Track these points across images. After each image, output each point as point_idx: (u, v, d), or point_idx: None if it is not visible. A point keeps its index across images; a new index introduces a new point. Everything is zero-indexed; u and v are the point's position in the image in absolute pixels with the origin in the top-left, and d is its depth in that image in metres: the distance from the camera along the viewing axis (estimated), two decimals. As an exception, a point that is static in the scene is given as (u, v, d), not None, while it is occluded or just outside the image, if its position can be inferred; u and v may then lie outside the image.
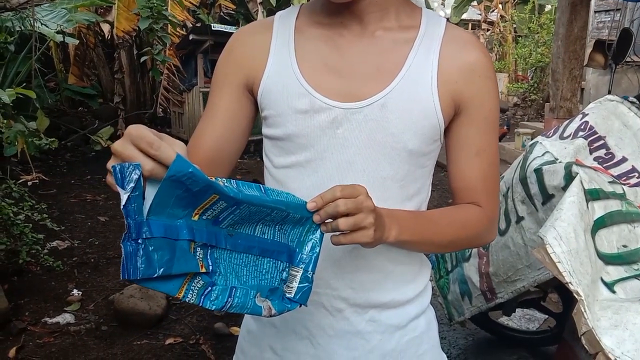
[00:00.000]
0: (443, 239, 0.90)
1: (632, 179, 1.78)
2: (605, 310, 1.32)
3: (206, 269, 0.70)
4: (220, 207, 0.69)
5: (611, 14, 6.11)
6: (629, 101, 1.95)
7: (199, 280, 0.69)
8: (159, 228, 0.64)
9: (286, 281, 0.76)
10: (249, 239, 0.75)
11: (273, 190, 0.73)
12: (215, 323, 2.92)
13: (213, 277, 0.71)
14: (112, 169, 0.62)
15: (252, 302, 0.74)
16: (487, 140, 0.91)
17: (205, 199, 0.66)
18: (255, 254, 0.75)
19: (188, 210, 0.67)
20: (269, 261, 0.77)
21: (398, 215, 0.83)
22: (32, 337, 2.77)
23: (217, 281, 0.72)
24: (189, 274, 0.68)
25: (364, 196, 0.73)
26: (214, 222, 0.70)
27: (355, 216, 0.72)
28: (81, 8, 5.94)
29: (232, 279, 0.73)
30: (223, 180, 0.68)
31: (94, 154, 6.85)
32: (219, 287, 0.71)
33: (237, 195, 0.68)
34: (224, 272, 0.72)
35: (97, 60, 8.58)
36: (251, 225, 0.74)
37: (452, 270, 2.44)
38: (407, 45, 0.88)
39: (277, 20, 0.95)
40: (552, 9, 11.07)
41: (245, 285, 0.74)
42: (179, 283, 0.67)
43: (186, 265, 0.67)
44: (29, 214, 3.23)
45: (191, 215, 0.68)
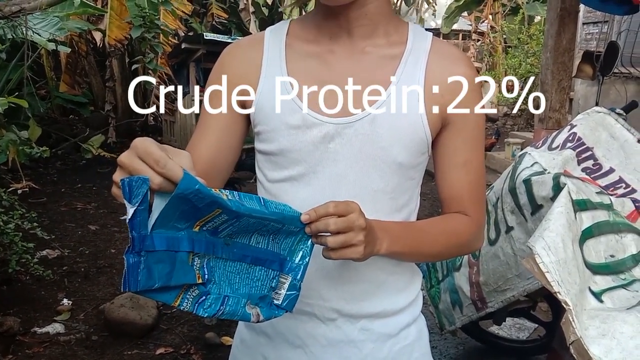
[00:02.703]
0: (433, 248, 0.93)
1: (619, 189, 1.81)
2: (593, 319, 1.33)
3: (202, 279, 0.71)
4: (222, 220, 0.70)
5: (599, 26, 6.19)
6: (616, 113, 1.98)
7: (195, 289, 0.71)
8: (161, 241, 0.65)
9: (275, 288, 0.78)
10: (244, 248, 0.76)
11: (272, 202, 0.75)
12: (206, 333, 2.91)
13: (207, 286, 0.73)
14: (120, 182, 0.62)
15: (243, 309, 0.76)
16: (473, 151, 0.93)
17: (208, 212, 0.68)
18: (249, 262, 0.77)
19: (190, 223, 0.69)
20: (260, 269, 0.78)
21: (389, 227, 0.85)
22: (22, 347, 2.74)
23: (211, 290, 0.73)
24: (184, 286, 0.70)
25: (356, 214, 0.75)
26: (212, 233, 0.72)
27: (346, 234, 0.74)
28: (73, 16, 5.92)
29: (225, 288, 0.75)
30: (226, 192, 0.69)
31: (85, 162, 6.82)
32: (213, 296, 0.73)
33: (239, 209, 0.69)
34: (218, 280, 0.74)
35: (89, 69, 8.56)
36: (247, 235, 0.76)
37: (443, 279, 2.45)
38: (395, 60, 0.90)
39: (267, 35, 0.96)
40: (542, 20, 11.20)
41: (237, 293, 0.76)
42: (175, 293, 0.69)
43: (184, 277, 0.69)
44: (18, 223, 3.20)
45: (192, 227, 0.69)
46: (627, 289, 1.48)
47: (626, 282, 1.49)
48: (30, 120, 4.45)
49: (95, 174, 6.31)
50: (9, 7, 3.81)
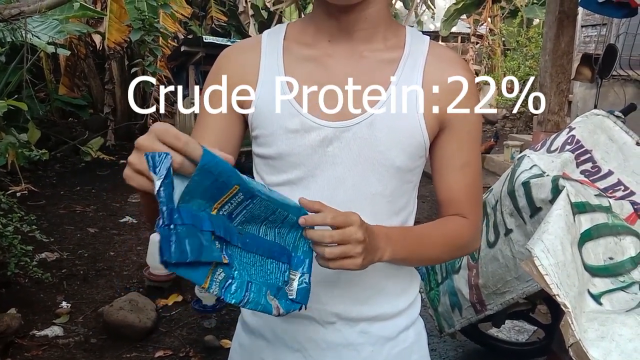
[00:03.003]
0: (434, 252, 0.94)
1: (617, 192, 1.81)
2: (592, 321, 1.34)
3: (227, 260, 0.73)
4: (238, 201, 0.71)
5: (598, 29, 6.21)
6: (614, 115, 1.99)
7: (221, 272, 0.72)
8: (188, 216, 0.67)
9: (288, 283, 0.79)
10: (255, 239, 0.77)
11: (275, 192, 0.76)
12: (205, 336, 2.90)
13: (232, 270, 0.74)
14: (134, 163, 0.63)
15: (264, 299, 0.76)
16: (470, 154, 0.94)
17: (227, 190, 0.69)
18: (261, 254, 0.78)
19: (209, 204, 0.70)
20: (272, 262, 0.79)
21: (392, 234, 0.85)
22: (20, 350, 2.74)
23: (235, 275, 0.74)
24: (212, 264, 0.70)
25: (355, 227, 0.75)
26: (228, 218, 0.73)
27: (343, 247, 0.74)
28: (72, 19, 5.93)
29: (245, 275, 0.76)
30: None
31: (84, 164, 6.81)
32: (237, 281, 0.74)
33: (253, 186, 0.71)
34: (238, 267, 0.75)
35: (88, 71, 8.56)
36: (257, 225, 0.77)
37: (442, 282, 2.45)
38: (393, 64, 0.90)
39: (264, 39, 0.96)
40: (540, 22, 11.22)
41: (256, 281, 0.77)
42: (205, 272, 0.70)
43: (211, 255, 0.70)
44: (17, 225, 3.20)
45: (211, 209, 0.70)
46: (626, 291, 1.48)
47: (625, 284, 1.50)
48: (29, 123, 4.46)
49: (94, 177, 6.31)
50: (8, 10, 3.82)
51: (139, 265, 3.85)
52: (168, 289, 3.44)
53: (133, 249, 4.19)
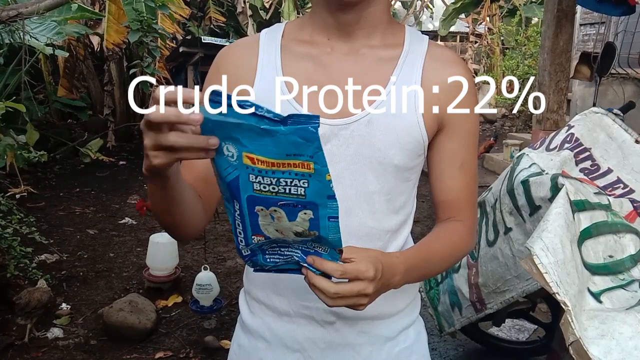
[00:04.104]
0: (439, 267, 0.96)
1: (617, 189, 1.81)
2: (592, 320, 1.33)
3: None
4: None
5: (596, 27, 6.21)
6: (613, 113, 1.99)
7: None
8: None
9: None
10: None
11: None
12: (205, 336, 2.90)
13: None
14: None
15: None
16: (469, 153, 0.94)
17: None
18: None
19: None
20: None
21: (411, 265, 0.84)
22: (20, 352, 2.74)
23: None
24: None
25: (365, 283, 0.73)
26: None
27: (347, 300, 0.73)
28: (71, 20, 5.93)
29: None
30: None
31: (83, 166, 6.81)
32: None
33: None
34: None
35: (87, 73, 8.55)
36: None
37: (442, 281, 2.45)
38: (392, 62, 0.90)
39: (262, 38, 0.96)
40: (539, 21, 11.23)
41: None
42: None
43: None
44: (17, 227, 3.20)
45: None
46: (625, 289, 1.48)
47: (625, 282, 1.50)
48: (27, 125, 4.45)
49: (93, 178, 6.30)
50: (6, 12, 3.81)
51: (138, 266, 3.85)
52: (168, 290, 3.44)
53: (132, 250, 4.19)
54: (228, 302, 3.33)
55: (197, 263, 3.84)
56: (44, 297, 2.82)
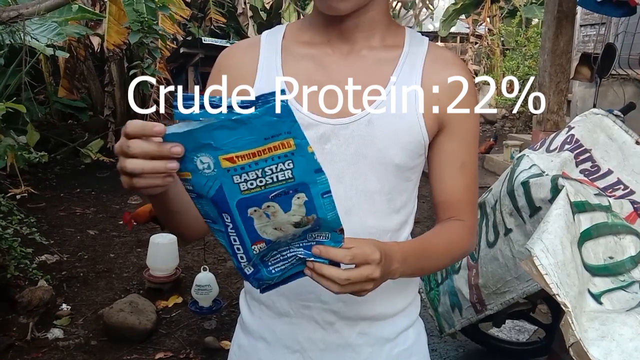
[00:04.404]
0: (438, 263, 0.95)
1: (617, 191, 1.81)
2: (592, 321, 1.33)
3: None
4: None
5: (596, 28, 6.21)
6: (613, 114, 1.99)
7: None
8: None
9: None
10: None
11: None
12: (205, 337, 2.90)
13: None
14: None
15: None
16: (469, 154, 0.94)
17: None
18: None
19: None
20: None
21: (406, 254, 0.84)
22: (20, 352, 2.74)
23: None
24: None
25: (373, 266, 0.74)
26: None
27: (355, 285, 0.74)
28: (71, 21, 5.92)
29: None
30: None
31: (84, 167, 6.81)
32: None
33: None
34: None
35: (87, 73, 8.54)
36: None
37: (442, 282, 2.45)
38: (392, 63, 0.91)
39: (263, 39, 0.96)
40: (539, 22, 11.22)
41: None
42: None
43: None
44: (17, 228, 3.20)
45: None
46: (626, 290, 1.48)
47: (625, 283, 1.49)
48: (28, 125, 4.45)
49: (94, 179, 6.30)
50: (7, 13, 3.82)
51: (138, 267, 3.85)
52: (168, 290, 3.44)
53: (133, 251, 4.19)
54: (228, 303, 3.33)
55: (197, 264, 3.84)
56: (45, 295, 2.84)
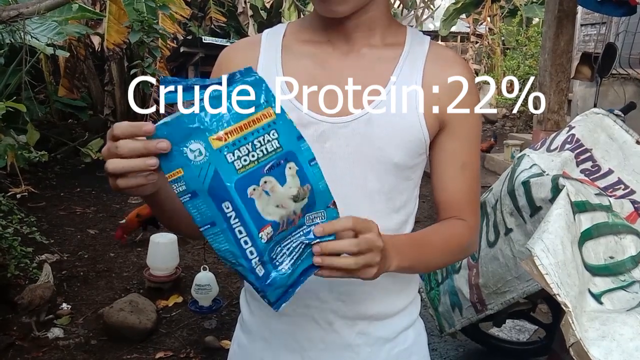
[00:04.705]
0: (436, 259, 0.94)
1: (618, 190, 1.81)
2: (592, 321, 1.33)
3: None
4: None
5: (597, 28, 6.20)
6: (614, 114, 1.98)
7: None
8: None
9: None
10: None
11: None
12: (205, 336, 2.90)
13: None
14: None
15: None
16: (471, 153, 0.94)
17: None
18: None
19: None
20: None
21: (399, 243, 0.83)
22: (20, 352, 2.74)
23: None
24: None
25: (375, 234, 0.73)
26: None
27: (366, 256, 0.72)
28: (72, 20, 5.93)
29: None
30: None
31: (84, 166, 6.80)
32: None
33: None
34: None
35: (88, 73, 8.54)
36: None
37: (442, 282, 2.45)
38: (392, 62, 0.90)
39: (264, 37, 0.96)
40: (540, 22, 11.22)
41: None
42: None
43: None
44: (17, 227, 3.20)
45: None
46: (626, 290, 1.48)
47: (626, 283, 1.49)
48: (28, 125, 4.45)
49: (94, 178, 6.30)
50: (7, 12, 3.82)
51: (139, 266, 3.85)
52: (168, 290, 3.44)
53: (133, 250, 4.19)
54: (228, 302, 3.33)
55: (197, 263, 3.84)
56: (46, 293, 2.87)
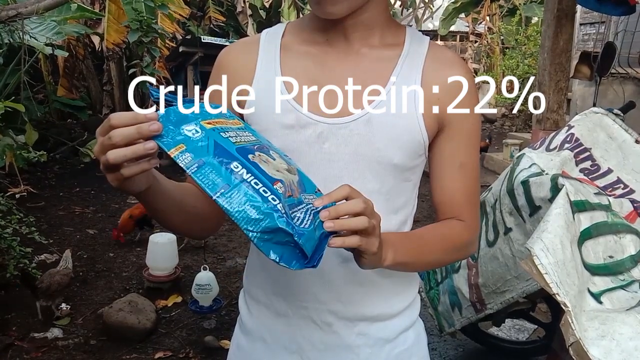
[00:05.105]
0: (433, 257, 0.93)
1: (617, 190, 1.81)
2: (592, 320, 1.33)
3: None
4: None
5: (596, 27, 6.21)
6: (613, 113, 1.98)
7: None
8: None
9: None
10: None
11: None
12: (205, 336, 2.90)
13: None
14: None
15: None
16: (470, 154, 0.93)
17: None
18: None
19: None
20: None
21: (392, 238, 0.83)
22: (19, 352, 2.73)
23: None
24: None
25: (368, 200, 0.73)
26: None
27: (374, 216, 0.72)
28: (71, 20, 5.92)
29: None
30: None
31: (83, 166, 6.80)
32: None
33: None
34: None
35: (87, 72, 8.55)
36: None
37: (442, 281, 2.45)
38: (392, 62, 0.90)
39: (263, 37, 0.96)
40: (539, 21, 11.22)
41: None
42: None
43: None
44: (16, 227, 3.20)
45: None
46: (626, 289, 1.48)
47: (625, 283, 1.49)
48: (27, 125, 4.45)
49: (93, 178, 6.29)
50: (5, 12, 3.81)
51: (138, 266, 3.84)
52: (167, 289, 3.44)
53: (132, 250, 4.19)
54: (228, 302, 3.33)
55: (197, 263, 3.84)
56: (64, 280, 3.04)
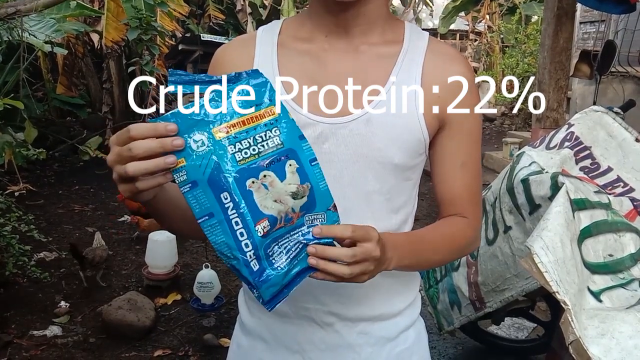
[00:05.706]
0: (437, 257, 0.93)
1: (617, 188, 1.80)
2: (592, 319, 1.33)
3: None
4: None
5: (596, 25, 6.20)
6: (613, 112, 1.98)
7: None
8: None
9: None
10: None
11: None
12: (204, 334, 2.90)
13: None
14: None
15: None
16: (471, 152, 0.93)
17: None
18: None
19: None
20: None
21: (398, 242, 0.83)
22: (19, 350, 2.73)
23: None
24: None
25: (373, 243, 0.73)
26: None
27: (361, 265, 0.72)
28: (70, 18, 5.91)
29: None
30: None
31: (82, 164, 6.80)
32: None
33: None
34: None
35: (86, 70, 8.52)
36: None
37: (441, 279, 2.45)
38: (391, 59, 0.89)
39: (259, 35, 0.95)
40: (539, 19, 11.21)
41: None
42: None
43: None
44: (15, 225, 3.20)
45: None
46: (625, 288, 1.48)
47: (625, 281, 1.49)
48: (26, 122, 4.44)
49: (92, 176, 6.29)
50: (4, 9, 3.80)
51: (137, 264, 3.84)
52: (167, 287, 3.44)
53: (132, 248, 4.19)
54: (227, 300, 3.33)
55: (196, 261, 3.84)
56: (104, 254, 3.47)
